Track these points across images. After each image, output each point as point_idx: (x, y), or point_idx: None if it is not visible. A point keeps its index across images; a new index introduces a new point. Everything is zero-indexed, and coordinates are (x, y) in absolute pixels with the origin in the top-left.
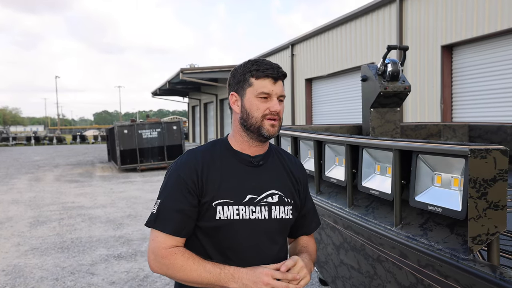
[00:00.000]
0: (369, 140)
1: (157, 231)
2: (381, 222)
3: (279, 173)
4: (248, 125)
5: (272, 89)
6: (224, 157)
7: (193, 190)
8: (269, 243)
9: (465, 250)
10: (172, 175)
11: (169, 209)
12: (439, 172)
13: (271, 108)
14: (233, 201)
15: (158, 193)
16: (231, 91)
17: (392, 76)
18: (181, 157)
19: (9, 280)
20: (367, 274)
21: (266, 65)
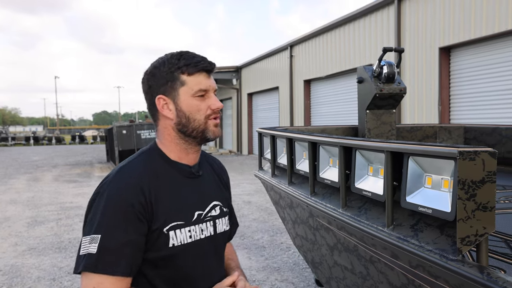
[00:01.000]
0: (362, 142)
1: (100, 276)
2: (373, 223)
3: (214, 181)
4: (189, 131)
5: (208, 84)
6: (166, 170)
7: (142, 215)
8: (217, 261)
9: (454, 251)
10: (111, 200)
11: (116, 244)
12: (429, 173)
13: (213, 106)
14: (184, 222)
15: (89, 227)
16: (155, 94)
17: (387, 78)
18: (115, 176)
19: (6, 280)
20: (360, 274)
21: (196, 57)
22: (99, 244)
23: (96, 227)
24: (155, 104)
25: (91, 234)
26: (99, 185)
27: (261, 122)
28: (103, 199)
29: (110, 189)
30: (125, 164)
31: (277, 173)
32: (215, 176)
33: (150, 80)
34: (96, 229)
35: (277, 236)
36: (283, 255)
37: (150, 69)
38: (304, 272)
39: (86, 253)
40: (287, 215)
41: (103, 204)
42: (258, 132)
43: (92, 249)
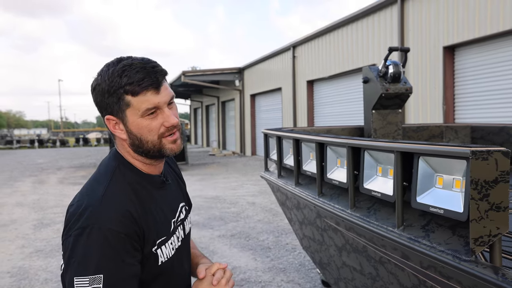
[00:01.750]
0: (371, 142)
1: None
2: (383, 223)
3: (176, 180)
4: (145, 151)
5: (157, 100)
6: (141, 186)
7: (137, 243)
8: (187, 261)
9: (467, 251)
10: (105, 235)
11: (121, 281)
12: (440, 173)
13: (166, 124)
14: (166, 236)
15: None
16: (104, 114)
17: (393, 77)
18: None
19: (14, 282)
20: (370, 275)
21: (139, 73)
22: (104, 283)
23: (95, 267)
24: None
25: (90, 275)
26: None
27: (264, 123)
28: (96, 235)
29: (100, 223)
30: (104, 190)
31: (283, 174)
32: (174, 174)
33: (96, 97)
34: (95, 269)
35: (282, 237)
36: (288, 256)
37: (94, 84)
38: (310, 273)
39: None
40: (294, 216)
41: (98, 241)
42: (263, 133)
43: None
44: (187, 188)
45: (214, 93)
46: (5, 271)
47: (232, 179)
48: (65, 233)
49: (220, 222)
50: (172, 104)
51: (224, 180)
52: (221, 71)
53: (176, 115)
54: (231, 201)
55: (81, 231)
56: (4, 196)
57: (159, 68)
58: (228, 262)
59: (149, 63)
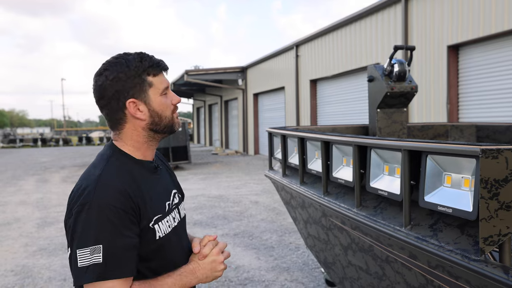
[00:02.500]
0: (378, 141)
1: (111, 281)
2: (390, 222)
3: (166, 170)
4: (160, 128)
5: (168, 81)
6: (135, 169)
7: (134, 217)
8: (186, 241)
9: (477, 251)
10: (103, 209)
11: (119, 250)
12: (449, 172)
13: (174, 102)
14: (161, 214)
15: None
16: (124, 99)
17: (399, 76)
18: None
19: (18, 280)
20: (376, 275)
21: (153, 58)
22: (103, 253)
23: (94, 238)
24: (123, 109)
25: (90, 246)
26: (79, 196)
27: (267, 122)
28: (94, 210)
29: (98, 199)
30: (100, 172)
31: (288, 173)
32: (164, 166)
33: (115, 85)
34: (95, 240)
35: (285, 236)
36: (292, 255)
37: (111, 75)
38: (314, 272)
39: (89, 264)
40: (298, 215)
41: (96, 215)
42: (268, 132)
43: (96, 259)
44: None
45: (217, 92)
46: (9, 269)
47: (235, 178)
48: (66, 214)
49: (224, 221)
50: None
51: (227, 179)
52: (224, 70)
53: None
54: (234, 200)
55: (81, 208)
56: (8, 195)
57: None
58: (231, 261)
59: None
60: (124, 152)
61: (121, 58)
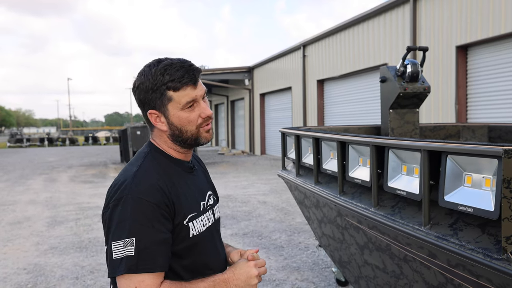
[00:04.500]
0: (396, 141)
1: (142, 275)
2: (408, 222)
3: (202, 172)
4: (183, 140)
5: (195, 94)
6: (172, 168)
7: (167, 213)
8: (221, 243)
9: (498, 250)
10: (138, 204)
11: (152, 244)
12: (469, 172)
13: (203, 115)
14: (196, 213)
15: (120, 232)
16: (147, 108)
17: (411, 77)
18: (134, 180)
19: (31, 278)
20: (393, 273)
21: (179, 71)
22: (136, 246)
23: (128, 231)
24: (147, 116)
25: (124, 239)
26: (116, 190)
27: (273, 123)
28: (129, 204)
29: (133, 194)
30: (137, 168)
31: (302, 172)
32: (200, 168)
33: (139, 95)
34: (129, 233)
35: (294, 236)
36: (302, 255)
37: (137, 83)
38: (324, 272)
39: (123, 256)
40: (312, 214)
41: (131, 209)
42: (281, 132)
43: (129, 251)
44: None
45: (223, 92)
46: (22, 267)
47: (242, 178)
48: (104, 208)
49: (232, 221)
50: (205, 98)
51: (234, 179)
52: (231, 70)
53: (209, 107)
54: (242, 200)
55: (117, 202)
56: (17, 194)
57: (195, 66)
58: None
59: (186, 62)
60: (161, 150)
61: (149, 67)
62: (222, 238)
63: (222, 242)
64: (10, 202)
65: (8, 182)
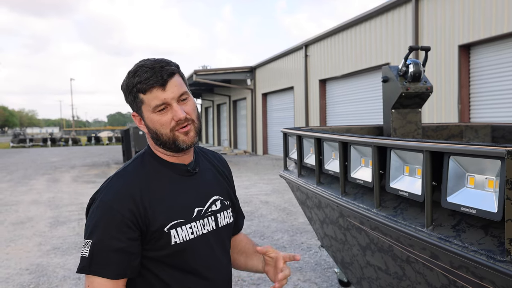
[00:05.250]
0: (398, 142)
1: (93, 277)
2: (411, 223)
3: (213, 175)
4: (163, 143)
5: (164, 97)
6: (160, 172)
7: (132, 222)
8: (223, 253)
9: (502, 251)
10: (102, 208)
11: (105, 250)
12: (472, 173)
13: (175, 118)
14: (184, 219)
15: (85, 232)
16: (132, 111)
17: (414, 76)
18: (108, 184)
19: (33, 278)
20: (395, 275)
21: (147, 72)
22: (90, 248)
23: (89, 233)
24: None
25: (85, 239)
26: (97, 190)
27: (275, 122)
28: (96, 207)
29: (102, 198)
30: (119, 171)
31: (304, 173)
32: (214, 170)
33: (124, 97)
34: (89, 235)
35: (296, 236)
36: (304, 255)
37: (122, 84)
38: (327, 272)
39: (81, 256)
40: (314, 215)
41: (96, 213)
42: (283, 133)
43: (85, 252)
44: None
45: (225, 92)
46: (24, 268)
47: (244, 178)
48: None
49: None
50: (186, 100)
51: (236, 179)
52: (233, 70)
53: (188, 110)
54: (244, 200)
55: (91, 202)
56: (20, 194)
57: (166, 67)
58: None
59: (159, 63)
60: (154, 154)
61: (129, 70)
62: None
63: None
64: (13, 202)
65: (11, 182)
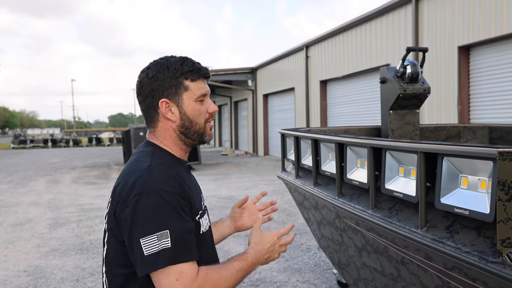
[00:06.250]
0: (393, 143)
1: (180, 265)
2: (405, 224)
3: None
4: (191, 133)
5: (207, 89)
6: (176, 165)
7: (188, 202)
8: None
9: (494, 253)
10: (160, 195)
11: (184, 234)
12: (465, 174)
13: (210, 110)
14: (202, 210)
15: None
16: (158, 98)
17: (411, 77)
18: (149, 173)
19: (31, 280)
20: (391, 276)
21: (197, 64)
22: (171, 237)
23: (158, 224)
24: (156, 107)
25: (157, 232)
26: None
27: (276, 123)
28: (152, 197)
29: (154, 186)
30: (149, 164)
31: (301, 174)
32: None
33: (152, 84)
34: (159, 226)
35: (296, 237)
36: (303, 256)
37: (152, 73)
38: (326, 274)
39: (159, 250)
40: (312, 216)
41: (155, 201)
42: (281, 134)
43: (165, 244)
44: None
45: (226, 93)
46: (22, 269)
47: (245, 179)
48: (119, 206)
49: None
50: None
51: (237, 180)
52: (234, 71)
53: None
54: None
55: (138, 198)
56: (20, 195)
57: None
58: None
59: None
60: (163, 149)
61: (164, 59)
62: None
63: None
64: (12, 203)
65: (11, 184)
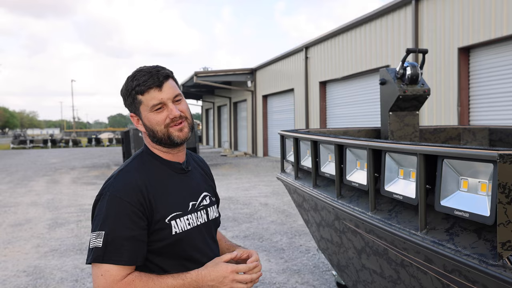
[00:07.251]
0: (393, 145)
1: (107, 265)
2: (405, 226)
3: (200, 174)
4: (158, 139)
5: (161, 97)
6: (160, 168)
7: (141, 212)
8: (213, 243)
9: (494, 255)
10: (113, 201)
11: (118, 239)
12: (465, 177)
13: (170, 116)
14: (181, 212)
15: (96, 224)
16: (130, 112)
17: (411, 79)
18: (115, 179)
19: (30, 281)
20: (390, 278)
21: (145, 76)
22: (104, 239)
23: (101, 224)
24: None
25: (97, 231)
26: (102, 187)
27: (276, 124)
28: (106, 200)
29: (111, 191)
30: (123, 167)
31: (300, 175)
32: (200, 170)
33: (123, 101)
34: (101, 227)
35: (295, 238)
36: (302, 258)
37: (121, 90)
38: (325, 275)
39: (93, 247)
40: (311, 217)
41: (106, 205)
42: (280, 135)
43: (98, 243)
44: None
45: (226, 94)
46: (21, 270)
47: (244, 179)
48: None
49: (233, 223)
50: (180, 100)
51: (236, 181)
52: (233, 72)
53: (183, 109)
54: (243, 202)
55: (98, 197)
56: (19, 196)
57: (162, 71)
58: None
59: (155, 68)
60: (151, 152)
61: (129, 76)
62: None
63: (215, 242)
64: (12, 204)
65: (11, 184)
